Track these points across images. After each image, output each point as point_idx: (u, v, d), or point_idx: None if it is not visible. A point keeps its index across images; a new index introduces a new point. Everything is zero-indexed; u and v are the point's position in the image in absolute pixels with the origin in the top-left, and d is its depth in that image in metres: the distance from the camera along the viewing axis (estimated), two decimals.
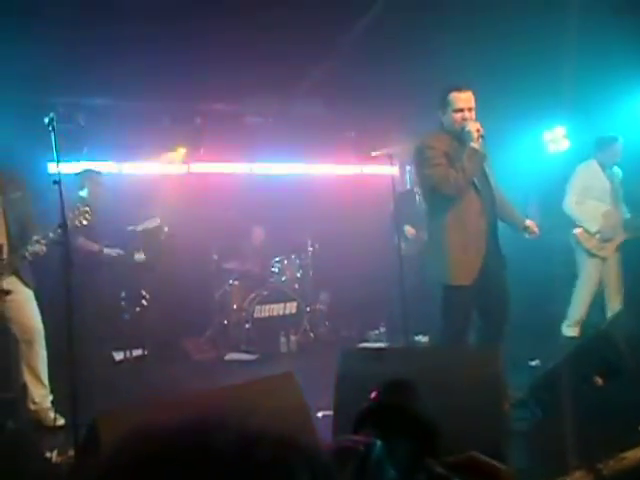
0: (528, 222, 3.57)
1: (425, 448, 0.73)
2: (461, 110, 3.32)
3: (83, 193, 5.18)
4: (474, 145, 3.21)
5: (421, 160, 3.36)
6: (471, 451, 0.65)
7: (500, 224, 3.55)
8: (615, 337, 2.84)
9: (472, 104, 3.35)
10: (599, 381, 2.76)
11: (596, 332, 3.06)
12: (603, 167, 4.95)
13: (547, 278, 5.34)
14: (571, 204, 4.96)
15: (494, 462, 0.62)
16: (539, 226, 3.49)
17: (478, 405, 2.28)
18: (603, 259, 4.92)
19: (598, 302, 5.06)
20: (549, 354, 3.92)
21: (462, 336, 3.32)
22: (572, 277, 6.19)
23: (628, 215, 5.02)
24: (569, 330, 4.88)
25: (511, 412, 2.94)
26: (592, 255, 4.90)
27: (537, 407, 3.01)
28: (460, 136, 3.32)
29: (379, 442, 0.63)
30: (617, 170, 5.04)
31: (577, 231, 4.94)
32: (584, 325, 4.91)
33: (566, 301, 5.26)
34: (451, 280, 3.31)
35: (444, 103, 3.38)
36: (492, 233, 3.39)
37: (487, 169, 3.46)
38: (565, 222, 6.04)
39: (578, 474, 2.28)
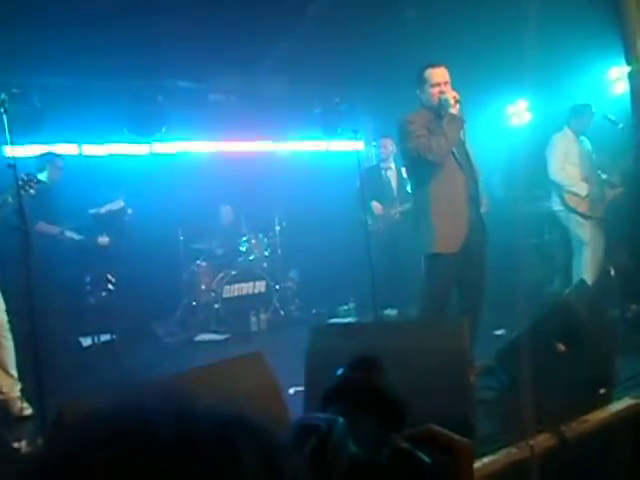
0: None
1: (391, 424, 0.74)
2: (438, 84, 3.45)
3: (42, 176, 5.03)
4: (452, 111, 3.33)
5: (403, 135, 3.45)
6: (429, 424, 0.66)
7: None
8: (576, 304, 2.92)
9: (447, 78, 3.49)
10: (561, 347, 2.84)
11: (558, 300, 3.14)
12: (576, 135, 5.06)
13: (511, 248, 5.44)
14: (557, 171, 5.03)
15: (451, 434, 0.63)
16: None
17: (445, 378, 2.33)
18: (598, 220, 5.01)
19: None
20: (514, 323, 4.01)
21: (443, 303, 3.39)
22: (535, 247, 6.35)
23: (604, 176, 5.13)
24: None
25: (478, 381, 3.02)
26: (587, 217, 4.99)
27: (503, 375, 3.09)
28: (439, 109, 3.43)
29: (341, 419, 0.63)
30: (584, 139, 5.15)
31: (567, 196, 5.00)
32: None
33: (530, 272, 5.35)
34: (437, 247, 3.36)
35: (421, 80, 3.51)
36: (475, 205, 3.48)
37: (466, 145, 3.55)
38: (529, 193, 6.17)
39: (542, 437, 2.36)
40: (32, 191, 3.31)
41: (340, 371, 0.82)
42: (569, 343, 2.85)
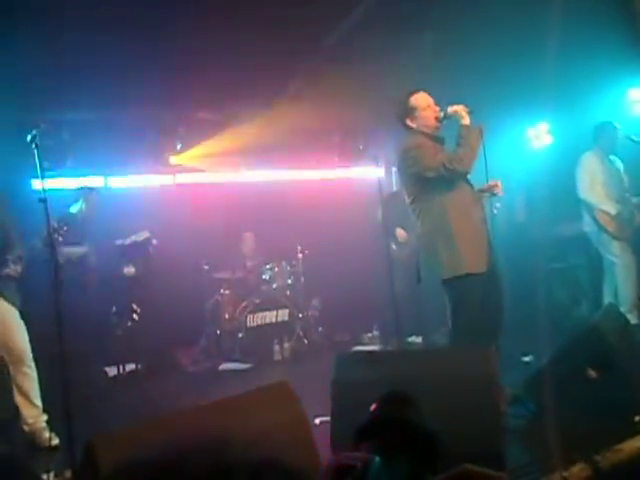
0: (490, 182, 3.45)
1: (425, 459, 0.73)
2: (428, 106, 3.38)
3: (74, 209, 5.20)
4: (465, 122, 3.25)
5: (413, 159, 3.29)
6: (464, 463, 0.65)
7: None
8: (606, 330, 2.87)
9: (432, 100, 3.41)
10: (592, 374, 2.78)
11: (587, 325, 3.08)
12: (604, 154, 5.03)
13: (534, 272, 5.38)
14: (586, 190, 4.99)
15: (488, 471, 0.63)
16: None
17: (474, 406, 2.29)
18: (628, 240, 4.93)
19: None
20: (542, 349, 3.94)
21: (479, 328, 3.15)
22: (560, 271, 6.26)
23: (634, 200, 5.07)
24: (630, 317, 4.49)
25: (507, 409, 2.96)
26: (616, 238, 4.93)
27: (532, 403, 3.03)
28: (436, 132, 3.37)
29: (377, 458, 0.63)
30: (615, 159, 5.12)
31: (598, 214, 4.95)
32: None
33: (556, 296, 5.28)
34: (467, 268, 3.18)
35: (408, 109, 3.42)
36: (486, 225, 3.38)
37: None
38: (552, 216, 6.11)
39: (576, 468, 2.30)
40: (60, 238, 3.37)
41: (373, 406, 0.82)
42: (600, 369, 2.79)
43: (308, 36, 4.95)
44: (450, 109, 3.30)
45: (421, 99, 3.40)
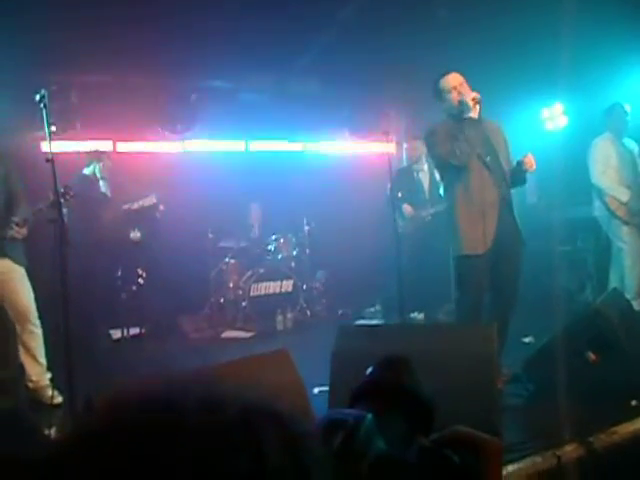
0: (523, 158, 3.49)
1: (419, 424, 0.73)
2: (454, 88, 3.46)
3: (88, 170, 5.24)
4: (470, 114, 3.37)
5: (429, 144, 3.55)
6: (456, 426, 0.65)
7: None
8: (609, 313, 2.86)
9: (461, 79, 3.49)
10: (592, 357, 2.78)
11: (589, 308, 3.07)
12: (617, 137, 4.96)
13: (542, 255, 5.36)
14: (598, 175, 4.93)
15: (480, 434, 0.63)
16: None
17: (472, 382, 2.30)
18: (638, 227, 4.91)
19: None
20: (543, 331, 3.95)
21: (477, 306, 3.34)
22: (567, 253, 6.23)
23: None
24: (635, 304, 4.43)
25: (505, 388, 2.98)
26: (626, 223, 4.89)
27: (530, 383, 3.04)
28: (460, 115, 3.42)
29: (369, 415, 0.63)
30: (630, 142, 5.04)
31: (608, 199, 4.90)
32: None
33: (562, 278, 5.24)
34: (461, 250, 3.38)
35: (438, 92, 3.54)
36: (505, 206, 3.42)
37: (498, 145, 3.49)
38: (563, 199, 6.05)
39: (570, 447, 2.31)
40: (67, 202, 3.37)
41: (369, 370, 0.82)
42: (600, 352, 2.80)
43: (323, 9, 4.86)
44: (464, 97, 3.37)
45: (449, 81, 3.49)
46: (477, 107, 3.35)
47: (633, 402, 2.68)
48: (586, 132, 5.29)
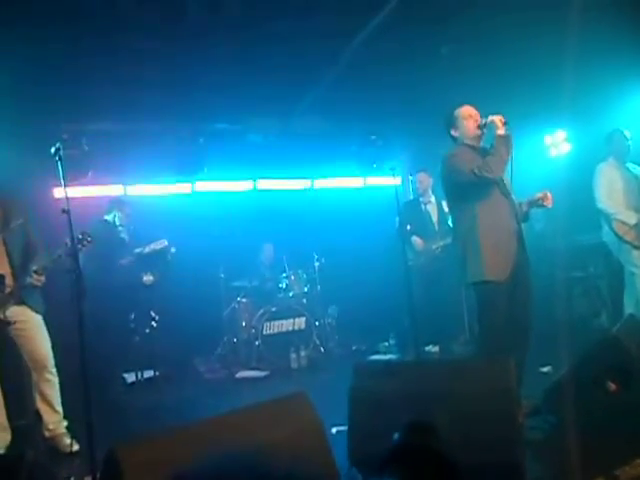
0: (539, 194, 3.57)
1: None
2: (470, 116, 3.55)
3: (109, 217, 5.36)
4: (500, 132, 3.38)
5: (452, 166, 3.46)
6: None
7: None
8: (626, 341, 2.83)
9: (476, 111, 3.58)
10: (612, 386, 2.75)
11: (607, 336, 3.04)
12: (620, 162, 4.99)
13: (554, 281, 5.33)
14: (604, 199, 4.94)
15: None
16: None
17: (492, 417, 2.28)
18: None
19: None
20: (561, 360, 3.90)
21: (498, 333, 3.30)
22: (580, 280, 6.19)
23: None
24: None
25: (525, 421, 2.94)
26: (636, 247, 4.88)
27: (551, 415, 3.00)
28: (478, 143, 3.52)
29: None
30: (634, 167, 5.06)
31: (616, 225, 4.91)
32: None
33: (575, 306, 5.20)
34: (486, 275, 3.32)
35: (453, 120, 3.61)
36: (520, 237, 3.46)
37: (505, 178, 3.55)
38: (571, 225, 6.05)
39: None
40: (84, 249, 3.44)
41: (396, 436, 0.83)
42: (620, 381, 2.76)
43: (324, 48, 4.98)
44: (489, 118, 3.44)
45: (464, 110, 3.58)
46: (505, 127, 3.39)
47: None
48: (589, 158, 5.32)
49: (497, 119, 3.40)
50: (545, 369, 4.30)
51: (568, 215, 5.85)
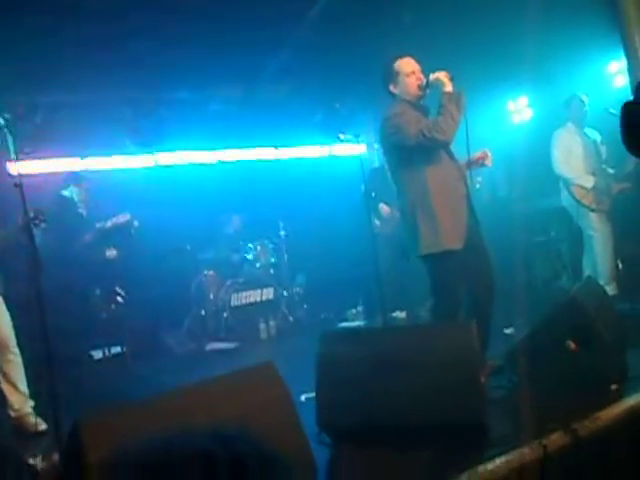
0: (478, 153, 3.36)
1: None
2: (412, 72, 3.26)
3: (67, 192, 5.20)
4: (448, 89, 3.10)
5: (393, 128, 3.16)
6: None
7: None
8: (584, 302, 2.91)
9: (418, 66, 3.30)
10: (572, 346, 2.83)
11: (565, 298, 3.13)
12: (578, 127, 5.07)
13: (516, 246, 5.44)
14: (561, 164, 5.02)
15: None
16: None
17: (456, 379, 2.33)
18: (606, 212, 5.00)
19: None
20: (523, 322, 4.01)
21: (456, 308, 3.15)
22: (542, 244, 6.34)
23: (611, 170, 5.12)
24: (609, 289, 4.55)
25: (489, 381, 3.02)
26: (593, 210, 4.97)
27: (513, 374, 3.08)
28: (418, 100, 3.26)
29: None
30: (591, 131, 5.14)
31: (574, 189, 5.00)
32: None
33: (537, 269, 5.32)
34: (444, 245, 3.08)
35: (392, 74, 3.30)
36: (469, 201, 3.28)
37: None
38: (533, 190, 6.16)
39: (555, 436, 2.35)
40: (41, 225, 3.33)
41: None
42: (579, 340, 2.85)
43: (289, 15, 4.87)
44: (432, 76, 3.17)
45: (405, 65, 3.28)
46: (451, 83, 3.10)
47: (613, 387, 2.74)
48: (551, 124, 5.39)
49: (442, 75, 3.12)
50: (508, 330, 4.41)
51: (530, 180, 5.95)
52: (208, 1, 4.54)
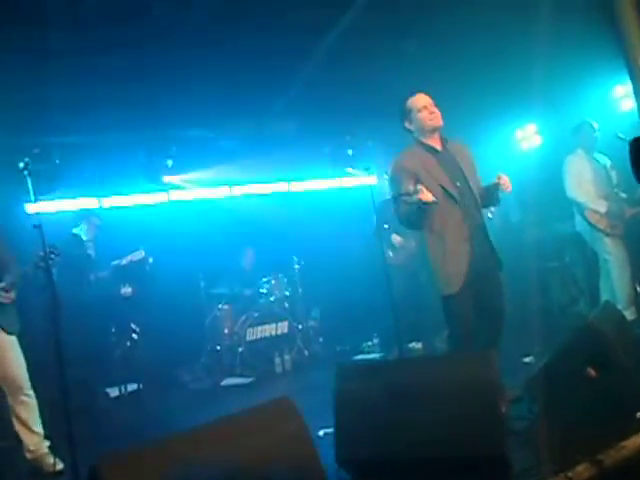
0: (497, 180, 3.41)
1: None
2: (424, 107, 3.40)
3: (77, 230, 5.27)
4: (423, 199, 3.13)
5: (395, 182, 3.42)
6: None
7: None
8: (603, 328, 2.87)
9: (430, 100, 3.43)
10: (592, 373, 2.78)
11: (583, 324, 3.09)
12: (588, 153, 5.08)
13: (531, 272, 5.40)
14: (574, 189, 5.01)
15: None
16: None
17: (476, 410, 2.30)
18: (620, 237, 4.96)
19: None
20: (542, 349, 3.96)
21: (466, 340, 3.29)
22: (556, 269, 6.28)
23: (623, 195, 5.10)
24: (627, 314, 4.55)
25: (509, 412, 2.97)
26: (608, 234, 4.95)
27: (534, 404, 3.03)
28: (434, 134, 3.42)
29: None
30: (601, 157, 5.15)
31: (587, 213, 4.98)
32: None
33: (553, 295, 5.26)
34: (442, 291, 3.35)
35: (406, 112, 3.47)
36: (480, 236, 3.37)
37: (467, 168, 3.45)
38: (546, 216, 6.14)
39: (580, 467, 2.30)
40: (52, 261, 3.37)
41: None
42: (599, 367, 2.80)
43: (296, 47, 4.97)
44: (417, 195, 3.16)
45: (417, 101, 3.43)
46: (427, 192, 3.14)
47: (638, 414, 2.68)
48: (560, 149, 5.41)
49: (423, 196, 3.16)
50: (527, 359, 4.35)
51: (543, 206, 5.94)
52: (214, 45, 4.65)
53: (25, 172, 2.99)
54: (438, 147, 3.44)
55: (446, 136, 3.51)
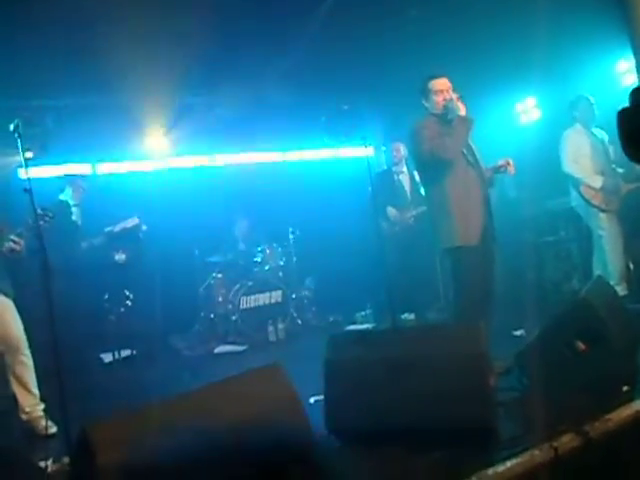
0: (501, 161, 3.75)
1: None
2: (441, 92, 3.67)
3: (63, 196, 5.19)
4: (460, 113, 3.55)
5: (418, 139, 3.60)
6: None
7: None
8: (594, 302, 2.89)
9: (449, 85, 3.70)
10: (581, 346, 2.81)
11: (575, 298, 3.10)
12: (586, 127, 5.05)
13: (527, 247, 5.41)
14: (570, 164, 5.01)
15: None
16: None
17: (465, 382, 2.32)
18: (615, 212, 4.97)
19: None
20: (533, 323, 3.98)
21: (478, 294, 3.46)
22: (551, 244, 6.29)
23: (620, 170, 5.09)
24: (619, 289, 4.59)
25: (499, 382, 3.00)
26: (603, 210, 4.95)
27: (523, 376, 3.06)
28: (445, 116, 3.62)
29: None
30: (600, 132, 5.12)
31: (583, 188, 4.97)
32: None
33: (547, 270, 5.28)
34: (459, 240, 3.49)
35: (425, 91, 3.74)
36: (487, 204, 3.63)
37: (473, 147, 3.70)
38: (542, 191, 6.12)
39: (566, 437, 2.33)
40: (46, 224, 3.35)
41: None
42: (589, 341, 2.82)
43: (293, 14, 4.88)
44: (447, 102, 3.60)
45: (437, 84, 3.69)
46: (462, 106, 3.56)
47: (624, 388, 2.71)
48: (559, 124, 5.36)
49: (455, 99, 3.58)
50: (518, 332, 4.39)
51: (539, 181, 5.91)
52: (214, 7, 4.55)
53: (16, 134, 2.94)
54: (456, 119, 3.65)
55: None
